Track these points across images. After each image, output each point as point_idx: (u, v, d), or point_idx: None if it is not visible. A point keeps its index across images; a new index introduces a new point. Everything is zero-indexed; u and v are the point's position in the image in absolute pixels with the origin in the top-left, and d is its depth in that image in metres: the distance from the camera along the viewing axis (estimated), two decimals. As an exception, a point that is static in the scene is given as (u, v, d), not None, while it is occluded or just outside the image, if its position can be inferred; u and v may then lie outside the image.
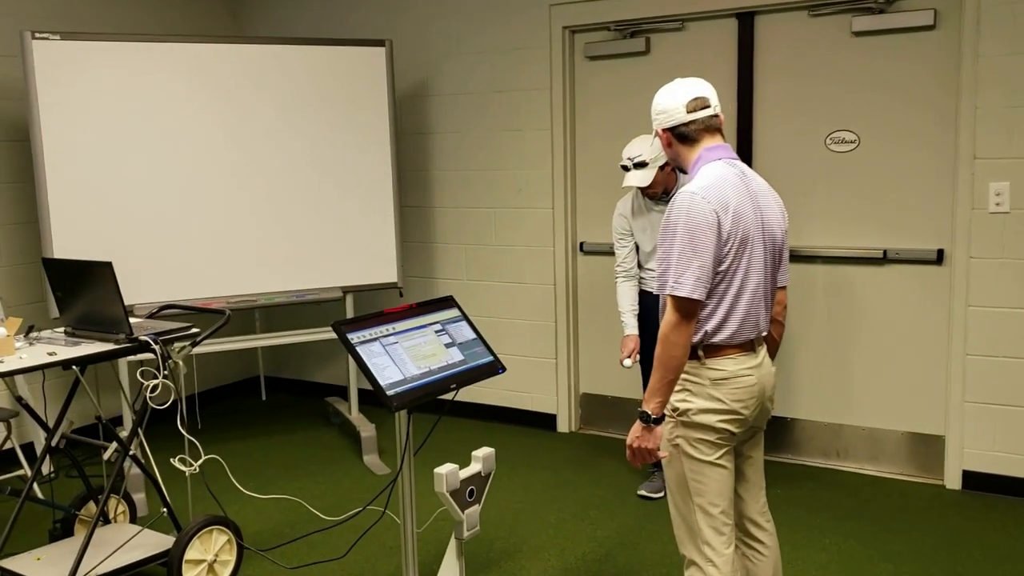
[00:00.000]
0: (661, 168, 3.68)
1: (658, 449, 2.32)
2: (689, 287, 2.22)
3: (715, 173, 2.31)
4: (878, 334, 4.22)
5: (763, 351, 2.42)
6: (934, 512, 3.83)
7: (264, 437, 5.11)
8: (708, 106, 2.37)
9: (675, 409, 2.34)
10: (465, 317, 3.21)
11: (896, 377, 4.21)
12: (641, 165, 3.69)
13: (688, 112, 2.36)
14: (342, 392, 5.73)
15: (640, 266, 4.00)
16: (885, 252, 4.14)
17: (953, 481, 4.07)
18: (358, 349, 2.80)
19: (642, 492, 4.11)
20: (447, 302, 3.23)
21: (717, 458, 2.34)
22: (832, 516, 3.80)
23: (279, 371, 6.10)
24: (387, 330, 2.95)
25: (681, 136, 2.38)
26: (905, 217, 4.11)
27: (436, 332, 3.08)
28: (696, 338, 2.30)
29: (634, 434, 2.32)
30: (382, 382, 2.75)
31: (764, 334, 2.41)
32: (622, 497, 4.10)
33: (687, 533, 2.39)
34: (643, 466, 4.34)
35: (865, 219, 4.19)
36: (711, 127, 2.38)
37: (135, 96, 4.27)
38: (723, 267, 2.27)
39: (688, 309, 2.23)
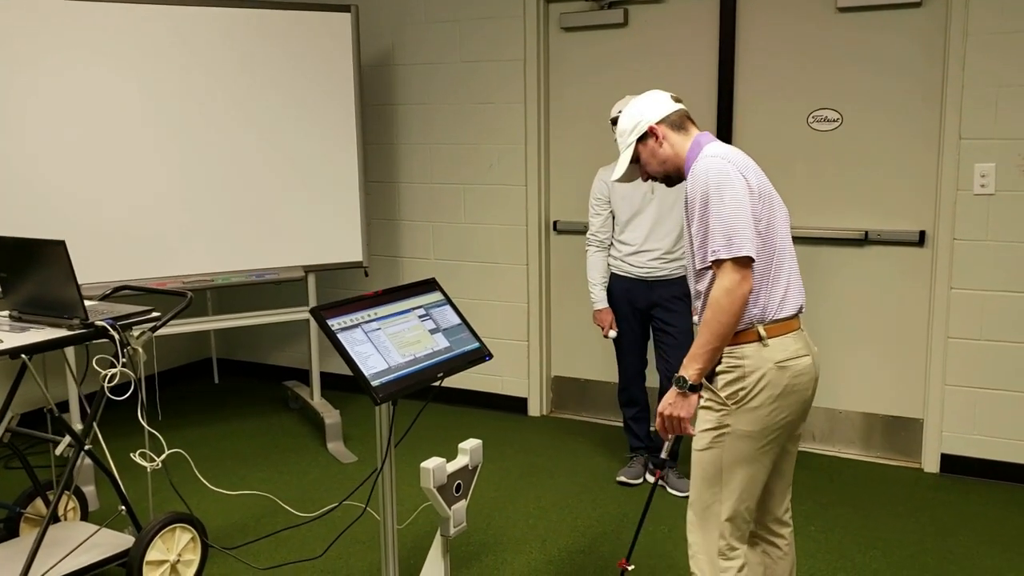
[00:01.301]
0: None
1: (690, 420, 2.20)
2: (736, 247, 2.08)
3: (717, 145, 2.26)
4: (857, 317, 4.16)
5: (805, 330, 2.29)
6: (915, 496, 3.79)
7: (220, 424, 4.87)
8: (681, 102, 2.37)
9: (729, 396, 2.19)
10: (449, 301, 3.03)
11: (874, 360, 4.16)
12: None
13: (674, 101, 2.34)
14: (299, 375, 5.51)
15: (613, 241, 3.88)
16: (866, 233, 4.07)
17: (931, 464, 4.04)
18: (339, 337, 2.60)
19: (621, 479, 4.00)
20: (429, 285, 3.04)
21: (763, 453, 2.21)
22: (816, 502, 3.74)
23: (231, 353, 5.84)
24: (369, 315, 2.75)
25: (673, 124, 2.32)
26: (887, 198, 4.04)
27: (420, 317, 2.90)
28: (754, 313, 2.17)
29: (667, 401, 2.19)
30: (366, 372, 2.57)
31: (804, 309, 2.29)
32: (600, 484, 3.99)
33: (703, 521, 2.26)
34: (622, 453, 4.27)
35: (846, 200, 4.11)
36: (691, 119, 2.36)
37: (80, 60, 3.97)
38: (761, 225, 2.16)
39: (741, 269, 2.09)
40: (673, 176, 2.34)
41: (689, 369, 2.15)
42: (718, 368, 2.22)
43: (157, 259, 4.21)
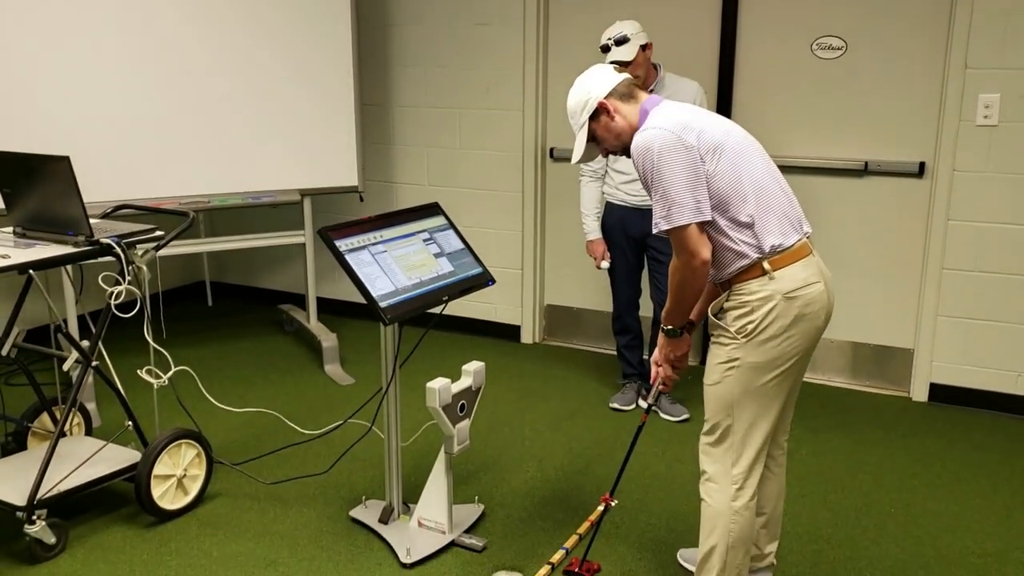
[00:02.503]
0: (643, 49, 3.56)
1: (685, 356, 2.44)
2: (675, 217, 2.15)
3: (659, 111, 2.25)
4: (853, 247, 4.19)
5: (817, 254, 2.31)
6: (904, 424, 3.89)
7: (216, 345, 4.89)
8: (624, 71, 2.40)
9: (739, 330, 2.21)
10: (452, 225, 3.03)
11: (868, 291, 4.21)
12: (622, 41, 3.55)
13: (619, 72, 2.35)
14: (291, 299, 5.52)
15: (608, 170, 3.87)
16: (866, 164, 4.08)
17: (920, 394, 4.12)
18: (347, 258, 2.61)
19: (614, 405, 4.06)
20: (433, 209, 3.04)
21: (773, 385, 2.24)
22: (806, 428, 3.82)
23: (223, 276, 5.83)
24: (375, 238, 2.76)
25: (622, 95, 2.31)
26: (889, 128, 4.03)
27: (424, 241, 2.90)
28: (752, 251, 2.18)
29: (663, 348, 2.39)
30: (374, 293, 2.58)
31: (810, 233, 2.31)
32: (594, 409, 4.05)
33: (716, 451, 2.31)
34: (614, 379, 4.33)
35: (848, 129, 4.10)
36: (638, 86, 2.37)
37: (72, -28, 3.86)
38: (716, 178, 2.17)
39: (692, 239, 2.15)
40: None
41: (667, 324, 2.37)
42: (727, 304, 2.25)
43: (153, 180, 4.16)
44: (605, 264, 3.92)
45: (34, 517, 2.69)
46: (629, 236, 3.87)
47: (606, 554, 2.85)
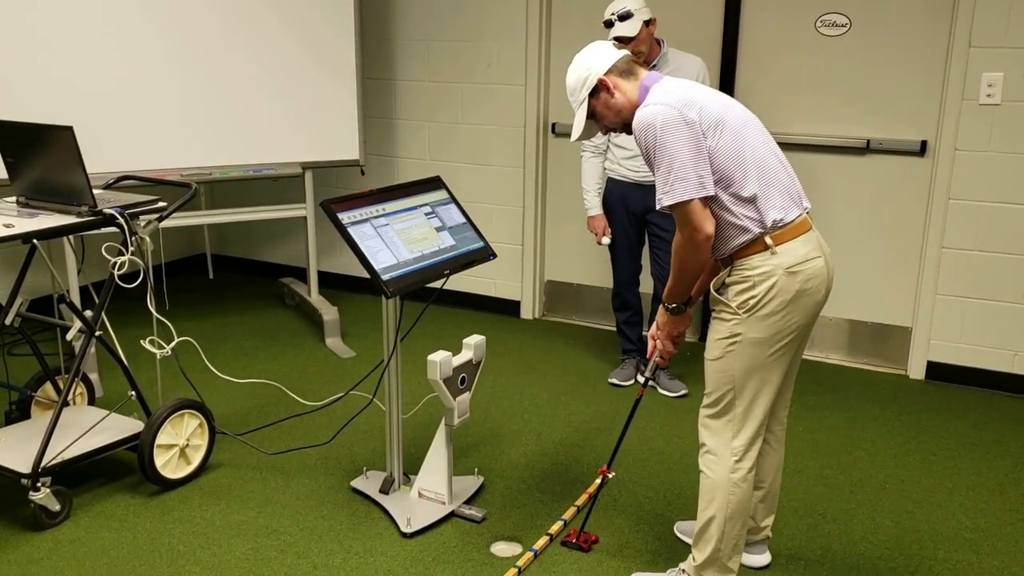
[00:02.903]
0: (646, 24, 3.55)
1: (684, 332, 2.46)
2: (679, 192, 2.15)
3: (660, 87, 2.26)
4: (854, 225, 4.20)
5: (816, 230, 2.32)
6: (900, 401, 3.92)
7: (217, 317, 4.91)
8: (624, 47, 2.40)
9: (740, 305, 2.24)
10: (454, 199, 3.04)
11: (868, 269, 4.22)
12: (626, 16, 3.54)
13: (618, 49, 2.35)
14: (292, 272, 5.53)
15: (609, 145, 3.87)
16: (868, 142, 4.08)
17: (916, 371, 4.15)
18: (350, 231, 2.62)
19: (612, 380, 4.09)
20: (435, 183, 3.05)
21: (774, 359, 2.26)
22: (803, 405, 3.85)
23: (224, 249, 5.84)
24: (377, 211, 2.77)
25: (622, 72, 2.31)
26: (892, 106, 4.03)
27: (426, 215, 2.91)
28: (754, 226, 2.20)
29: (665, 326, 2.42)
30: (376, 266, 2.60)
31: (810, 208, 2.32)
32: (592, 384, 4.08)
33: (717, 423, 2.33)
34: (613, 355, 4.35)
35: (850, 107, 4.10)
36: (638, 62, 2.36)
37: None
38: (719, 153, 2.18)
39: (695, 214, 2.16)
40: (631, 124, 2.32)
41: (670, 302, 2.39)
42: (728, 280, 2.27)
43: (156, 151, 4.16)
44: (606, 240, 3.94)
45: (38, 484, 2.73)
46: (630, 212, 3.88)
47: (604, 526, 2.88)
